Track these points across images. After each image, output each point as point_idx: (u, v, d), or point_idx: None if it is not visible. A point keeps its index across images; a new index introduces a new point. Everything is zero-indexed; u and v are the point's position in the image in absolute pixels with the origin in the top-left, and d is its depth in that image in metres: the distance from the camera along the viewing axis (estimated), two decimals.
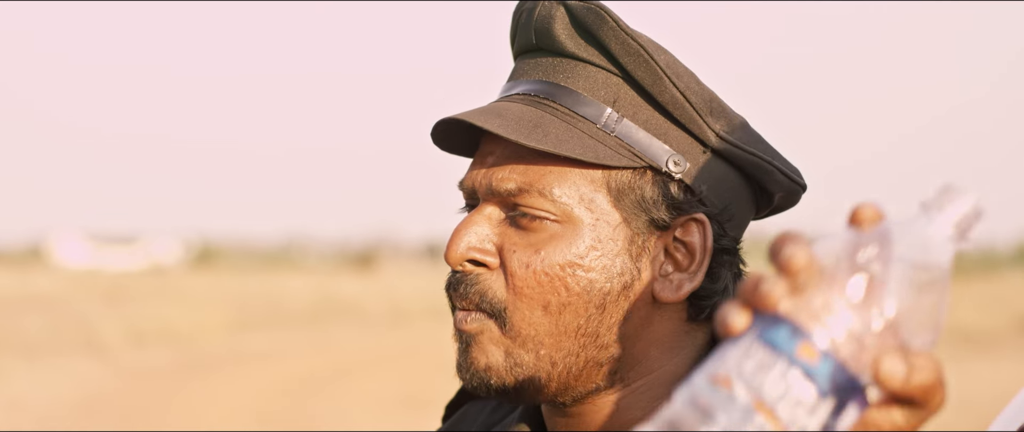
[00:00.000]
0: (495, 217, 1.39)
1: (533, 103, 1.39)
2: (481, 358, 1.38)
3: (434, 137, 1.43)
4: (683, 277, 1.40)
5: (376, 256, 63.61)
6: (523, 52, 1.45)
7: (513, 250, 1.37)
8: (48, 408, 12.95)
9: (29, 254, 72.41)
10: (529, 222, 1.37)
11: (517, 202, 1.37)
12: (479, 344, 1.38)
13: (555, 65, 1.41)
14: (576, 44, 1.40)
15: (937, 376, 0.95)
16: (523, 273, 1.36)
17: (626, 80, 1.39)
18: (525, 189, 1.37)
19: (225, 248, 75.72)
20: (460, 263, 1.38)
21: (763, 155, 1.42)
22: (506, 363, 1.37)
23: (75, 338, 19.84)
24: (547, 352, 1.36)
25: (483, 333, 1.37)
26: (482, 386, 1.39)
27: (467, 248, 1.38)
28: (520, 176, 1.37)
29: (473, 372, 1.38)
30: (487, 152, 1.41)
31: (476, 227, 1.39)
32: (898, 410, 0.96)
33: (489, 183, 1.38)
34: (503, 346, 1.37)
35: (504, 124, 1.36)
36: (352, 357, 18.77)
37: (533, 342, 1.36)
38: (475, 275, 1.38)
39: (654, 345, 1.40)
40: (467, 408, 1.62)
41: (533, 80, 1.41)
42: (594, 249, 1.36)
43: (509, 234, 1.38)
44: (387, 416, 12.42)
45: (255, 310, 26.62)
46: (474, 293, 1.37)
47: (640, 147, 1.37)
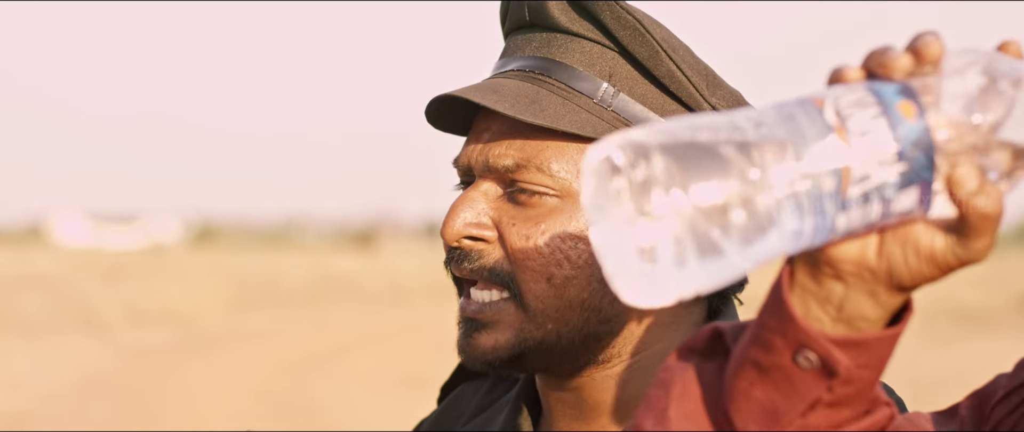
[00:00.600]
0: (492, 193, 1.38)
1: (529, 79, 1.39)
2: (488, 340, 1.38)
3: (429, 116, 1.42)
4: None
5: (375, 235, 63.67)
6: (515, 29, 1.45)
7: (512, 224, 1.36)
8: (47, 387, 12.96)
9: (29, 233, 72.48)
10: (528, 198, 1.36)
11: (515, 178, 1.37)
12: (490, 329, 1.37)
13: (549, 41, 1.40)
14: (570, 19, 1.39)
15: (996, 213, 0.95)
16: (523, 245, 1.35)
17: (622, 54, 1.38)
18: (523, 165, 1.36)
19: (224, 227, 75.80)
20: (457, 239, 1.38)
21: None
22: (515, 340, 1.37)
23: (74, 317, 19.86)
24: (554, 326, 1.36)
25: (499, 321, 1.37)
26: (485, 365, 1.39)
27: (464, 224, 1.37)
28: (518, 152, 1.36)
29: (477, 354, 1.38)
30: (482, 129, 1.40)
31: (472, 203, 1.38)
32: (942, 237, 0.96)
33: (486, 160, 1.38)
34: (515, 325, 1.37)
35: (501, 100, 1.35)
36: (351, 336, 18.78)
37: (542, 316, 1.36)
38: (477, 250, 1.38)
39: (653, 319, 1.40)
40: (462, 389, 1.61)
41: (527, 56, 1.41)
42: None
43: (507, 209, 1.37)
44: (386, 394, 12.43)
45: (254, 289, 26.64)
46: (479, 266, 1.37)
47: (637, 121, 1.37)
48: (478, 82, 1.41)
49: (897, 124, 0.93)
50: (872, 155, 0.93)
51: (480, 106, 1.38)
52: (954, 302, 20.37)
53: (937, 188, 0.95)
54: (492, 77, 1.42)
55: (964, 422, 1.11)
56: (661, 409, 1.02)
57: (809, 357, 0.97)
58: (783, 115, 0.93)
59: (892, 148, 0.93)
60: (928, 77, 0.95)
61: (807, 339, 0.96)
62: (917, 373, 13.08)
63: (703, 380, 1.03)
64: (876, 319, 0.99)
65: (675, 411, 1.02)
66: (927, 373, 13.23)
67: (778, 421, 0.98)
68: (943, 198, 0.95)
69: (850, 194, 0.93)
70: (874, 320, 0.98)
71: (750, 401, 0.99)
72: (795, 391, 0.98)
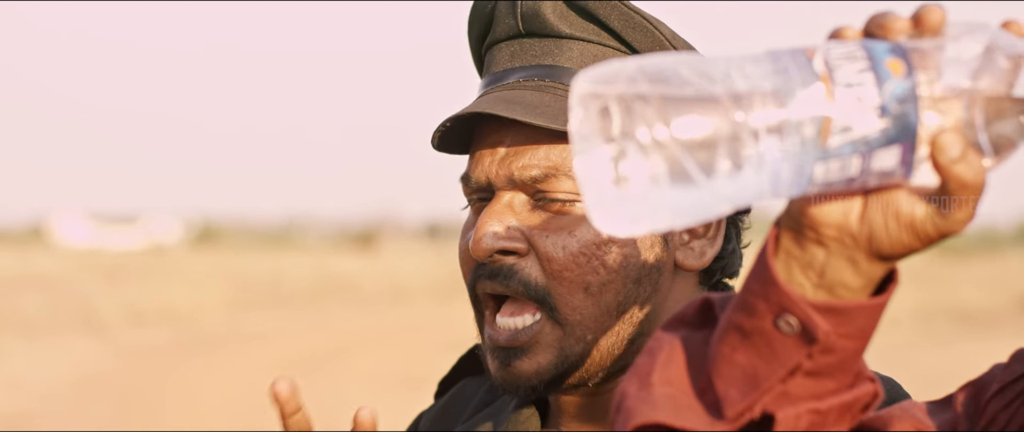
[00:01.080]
0: (517, 205, 1.37)
1: (537, 88, 1.37)
2: (531, 365, 1.36)
3: (440, 140, 1.40)
4: (703, 243, 1.40)
5: (376, 235, 63.59)
6: (502, 39, 1.42)
7: (545, 235, 1.35)
8: (48, 387, 12.96)
9: (30, 234, 72.43)
10: (559, 207, 1.35)
11: (542, 188, 1.35)
12: (531, 352, 1.36)
13: (548, 47, 1.39)
14: (570, 24, 1.38)
15: (977, 183, 0.94)
16: (561, 256, 1.34)
17: (631, 53, 1.38)
18: (551, 174, 1.35)
19: (226, 227, 75.73)
20: (489, 254, 1.36)
21: None
22: (556, 360, 1.36)
23: (75, 317, 19.85)
24: (594, 336, 1.36)
25: (538, 343, 1.36)
26: (529, 391, 1.37)
27: (495, 238, 1.35)
28: (543, 161, 1.35)
29: (522, 382, 1.37)
30: (495, 142, 1.38)
31: (500, 216, 1.36)
32: (924, 206, 0.96)
33: (509, 173, 1.36)
34: (555, 344, 1.35)
35: (527, 111, 1.33)
36: (352, 336, 18.77)
37: (581, 328, 1.35)
38: (509, 266, 1.36)
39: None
40: (464, 384, 1.61)
41: (528, 66, 1.39)
42: None
43: (536, 220, 1.36)
44: (387, 394, 12.43)
45: (255, 289, 26.62)
46: (516, 282, 1.35)
47: None
48: (483, 97, 1.39)
49: (884, 79, 0.93)
50: (855, 107, 0.93)
51: (486, 120, 1.37)
52: (954, 302, 20.36)
53: (921, 156, 0.95)
54: (495, 89, 1.40)
55: (958, 414, 1.11)
56: (645, 374, 1.02)
57: (789, 321, 0.97)
58: (773, 62, 0.94)
59: (875, 101, 0.93)
60: (924, 41, 0.95)
61: (788, 303, 0.97)
62: (917, 372, 13.08)
63: (689, 348, 1.03)
64: (857, 287, 0.98)
65: (658, 376, 1.02)
66: (927, 372, 13.22)
67: (758, 386, 0.98)
68: (927, 167, 0.95)
69: (830, 144, 0.93)
70: (855, 288, 0.98)
71: (732, 366, 0.99)
72: (775, 356, 0.98)
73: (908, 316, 19.34)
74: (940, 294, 22.12)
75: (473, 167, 1.40)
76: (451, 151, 1.43)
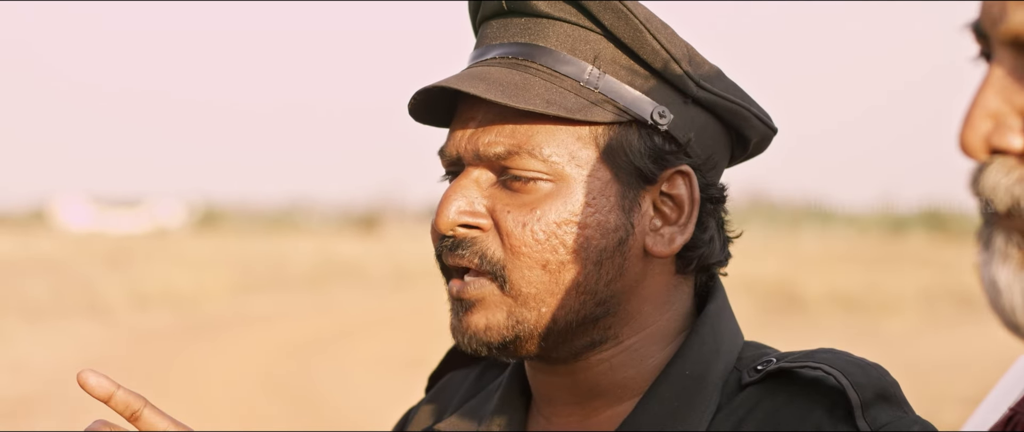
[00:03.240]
0: (483, 181, 1.39)
1: (512, 65, 1.39)
2: (480, 320, 1.38)
3: (412, 110, 1.42)
4: (674, 230, 1.40)
5: (379, 218, 63.62)
6: (490, 16, 1.44)
7: (507, 211, 1.36)
8: (52, 371, 12.98)
9: (33, 217, 72.46)
10: (522, 184, 1.36)
11: (507, 165, 1.37)
12: (479, 308, 1.38)
13: (529, 26, 1.40)
14: (550, 4, 1.39)
15: None
16: (519, 232, 1.36)
17: (606, 36, 1.38)
18: (514, 151, 1.36)
19: (228, 211, 75.75)
20: (451, 228, 1.38)
21: (741, 102, 1.43)
22: (507, 321, 1.37)
23: (78, 301, 19.88)
24: (548, 310, 1.37)
25: (484, 299, 1.37)
26: (480, 346, 1.39)
27: (458, 212, 1.37)
28: (508, 138, 1.36)
29: (471, 334, 1.39)
30: (468, 117, 1.40)
31: (465, 191, 1.38)
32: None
33: (475, 148, 1.38)
34: (505, 307, 1.37)
35: (488, 88, 1.35)
36: (355, 319, 18.80)
37: (535, 300, 1.36)
38: (471, 238, 1.38)
39: (647, 301, 1.41)
40: (451, 377, 1.62)
41: (508, 43, 1.41)
42: (589, 206, 1.36)
43: (500, 196, 1.38)
44: (390, 378, 12.45)
45: (258, 273, 26.65)
46: (472, 253, 1.37)
47: (624, 101, 1.37)
48: (460, 72, 1.41)
49: None
50: None
51: (463, 94, 1.38)
52: (956, 287, 20.36)
53: None
54: (473, 65, 1.42)
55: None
56: None
57: None
58: None
59: None
60: None
61: None
62: (918, 357, 13.09)
63: None
64: None
65: None
66: (928, 357, 13.23)
67: None
68: None
69: None
70: None
71: None
72: None
73: (911, 301, 19.34)
74: (943, 278, 22.12)
75: (448, 141, 1.41)
76: (437, 124, 1.45)
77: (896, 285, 21.02)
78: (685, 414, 1.37)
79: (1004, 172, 0.92)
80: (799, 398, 1.34)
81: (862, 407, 1.30)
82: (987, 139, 0.93)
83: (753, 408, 1.36)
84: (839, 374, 1.32)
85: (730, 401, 1.38)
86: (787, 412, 1.33)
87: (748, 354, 1.42)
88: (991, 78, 0.93)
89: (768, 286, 21.21)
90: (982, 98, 0.93)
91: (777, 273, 23.31)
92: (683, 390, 1.38)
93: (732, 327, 1.44)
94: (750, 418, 1.35)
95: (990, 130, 0.93)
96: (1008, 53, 0.93)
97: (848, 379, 1.31)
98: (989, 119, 0.93)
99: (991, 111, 0.93)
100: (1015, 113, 0.93)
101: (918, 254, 31.09)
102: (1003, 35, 0.93)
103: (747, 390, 1.37)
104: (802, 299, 20.08)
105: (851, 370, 1.32)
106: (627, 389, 1.41)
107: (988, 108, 0.93)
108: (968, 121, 0.93)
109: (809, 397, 1.33)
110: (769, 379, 1.37)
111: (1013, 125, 0.93)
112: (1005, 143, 0.92)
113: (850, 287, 20.81)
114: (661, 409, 1.38)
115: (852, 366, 1.33)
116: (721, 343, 1.41)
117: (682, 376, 1.39)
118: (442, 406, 1.59)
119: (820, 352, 1.36)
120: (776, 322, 16.76)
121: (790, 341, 2.60)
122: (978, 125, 0.93)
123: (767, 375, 1.37)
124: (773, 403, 1.35)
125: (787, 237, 42.79)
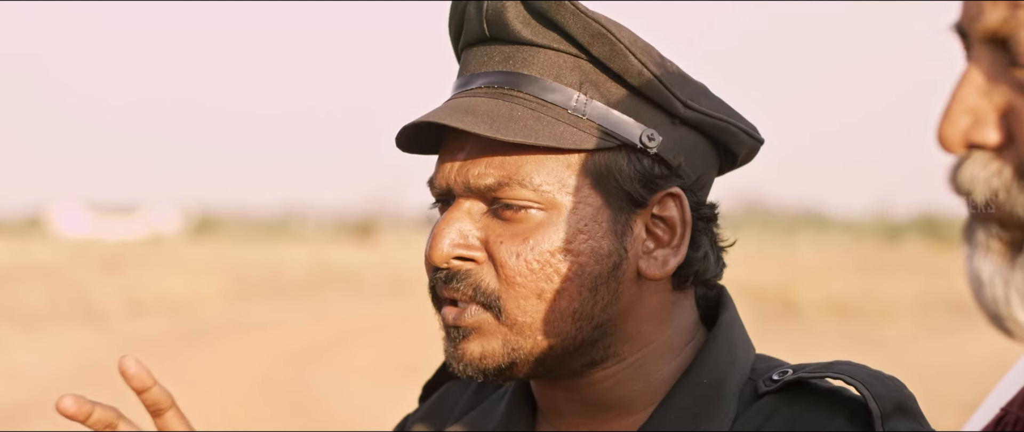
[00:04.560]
0: (475, 211, 1.38)
1: (497, 95, 1.37)
2: (476, 348, 1.37)
3: (399, 142, 1.41)
4: (667, 253, 1.40)
5: (375, 225, 63.61)
6: (472, 43, 1.42)
7: (500, 241, 1.36)
8: (47, 378, 12.97)
9: (28, 224, 72.42)
10: (513, 213, 1.36)
11: (498, 196, 1.36)
12: (475, 337, 1.37)
13: (511, 54, 1.39)
14: (533, 31, 1.38)
15: None
16: (514, 263, 1.35)
17: (590, 61, 1.37)
18: (505, 182, 1.35)
19: (224, 217, 75.72)
20: (446, 261, 1.37)
21: (728, 119, 1.42)
22: (503, 349, 1.37)
23: (74, 307, 19.86)
24: (544, 337, 1.36)
25: (480, 327, 1.37)
26: (477, 372, 1.39)
27: (451, 245, 1.37)
28: (498, 170, 1.36)
29: (467, 362, 1.38)
30: (456, 149, 1.39)
31: (458, 223, 1.38)
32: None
33: (466, 180, 1.37)
34: (500, 335, 1.37)
35: (476, 121, 1.34)
36: (350, 326, 18.79)
37: (530, 329, 1.36)
38: (465, 270, 1.37)
39: (646, 320, 1.41)
40: (448, 387, 1.62)
41: (492, 72, 1.39)
42: (581, 233, 1.36)
43: (493, 227, 1.37)
44: (385, 384, 12.45)
45: (254, 279, 26.64)
46: (466, 286, 1.37)
47: (612, 126, 1.36)
48: (446, 102, 1.40)
49: None
50: None
51: (451, 127, 1.37)
52: (951, 293, 20.37)
53: None
54: (459, 95, 1.41)
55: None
56: None
57: None
58: None
59: None
60: None
61: None
62: (914, 363, 13.09)
63: None
64: None
65: None
66: (925, 363, 13.24)
67: None
68: None
69: None
70: None
71: None
72: None
73: (907, 307, 19.35)
74: (939, 285, 22.13)
75: (437, 173, 1.41)
76: (425, 152, 1.44)
77: (892, 292, 21.03)
78: (705, 420, 1.38)
79: (981, 166, 0.95)
80: (818, 407, 1.35)
81: (882, 418, 1.31)
82: (965, 134, 0.96)
83: (771, 415, 1.37)
84: (860, 385, 1.33)
85: (747, 409, 1.38)
86: (806, 420, 1.35)
87: (761, 365, 1.43)
88: (969, 75, 0.97)
89: (764, 293, 21.21)
90: (960, 94, 0.96)
91: (773, 280, 23.31)
92: (702, 397, 1.39)
93: (744, 338, 1.45)
94: (769, 424, 1.36)
95: (968, 125, 0.96)
96: (985, 50, 0.96)
97: (869, 390, 1.32)
98: (967, 114, 0.96)
99: (969, 107, 0.96)
100: (992, 109, 0.96)
101: (914, 261, 31.10)
102: (980, 33, 0.95)
103: (764, 399, 1.38)
104: (798, 306, 20.08)
105: (871, 382, 1.34)
106: (637, 402, 1.41)
107: (966, 104, 0.96)
108: (947, 116, 0.96)
109: (828, 407, 1.35)
110: (787, 389, 1.38)
111: (990, 120, 0.95)
112: (982, 138, 0.95)
113: (846, 294, 20.81)
114: (679, 416, 1.39)
115: (872, 378, 1.35)
116: (735, 353, 1.42)
117: (700, 384, 1.40)
118: (443, 415, 1.59)
119: (838, 364, 1.37)
120: (772, 329, 16.76)
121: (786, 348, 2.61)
122: (956, 120, 0.96)
123: (785, 385, 1.37)
124: (792, 411, 1.36)
125: (783, 244, 42.80)
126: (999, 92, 0.95)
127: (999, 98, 0.95)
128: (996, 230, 0.96)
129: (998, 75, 0.95)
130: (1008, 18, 0.93)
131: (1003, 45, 0.95)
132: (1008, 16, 0.94)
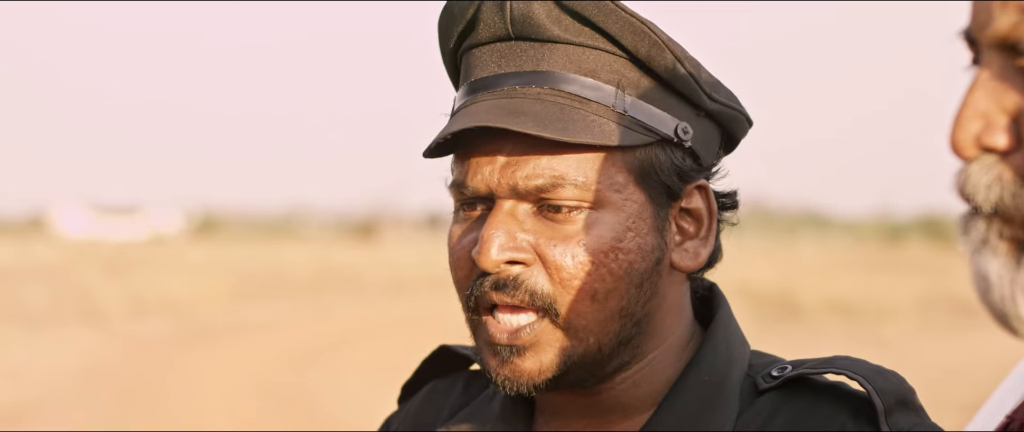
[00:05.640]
0: (520, 214, 1.36)
1: (536, 98, 1.35)
2: (534, 364, 1.36)
3: (434, 150, 1.37)
4: (697, 244, 1.41)
5: (377, 226, 63.63)
6: (486, 42, 1.39)
7: (552, 243, 1.34)
8: (49, 378, 12.98)
9: (30, 224, 72.46)
10: (565, 215, 1.34)
11: (547, 197, 1.34)
12: (530, 353, 1.36)
13: (541, 52, 1.37)
14: (565, 29, 1.36)
15: None
16: (569, 265, 1.34)
17: (628, 58, 1.37)
18: (557, 183, 1.34)
19: (226, 218, 75.74)
20: (497, 266, 1.34)
21: (739, 108, 1.43)
22: (558, 359, 1.35)
23: (76, 308, 19.87)
24: (595, 338, 1.36)
25: (539, 342, 1.35)
26: (530, 389, 1.37)
27: (501, 249, 1.34)
28: (547, 170, 1.34)
29: (522, 380, 1.36)
30: (492, 151, 1.36)
31: (506, 227, 1.35)
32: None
33: (513, 182, 1.34)
34: (557, 343, 1.35)
35: (528, 122, 1.32)
36: (352, 327, 18.79)
37: (584, 331, 1.35)
38: (516, 276, 1.35)
39: (669, 312, 1.41)
40: (433, 386, 1.60)
41: (524, 72, 1.37)
42: (629, 230, 1.35)
43: (541, 228, 1.35)
44: (386, 385, 12.42)
45: (256, 280, 26.65)
46: (522, 291, 1.34)
47: (651, 121, 1.36)
48: (481, 105, 1.36)
49: None
50: None
51: (487, 127, 1.33)
52: (953, 294, 20.37)
53: None
54: (486, 97, 1.37)
55: None
56: None
57: None
58: None
59: None
60: None
61: None
62: (915, 363, 13.09)
63: None
64: None
65: None
66: (926, 363, 13.24)
67: None
68: None
69: None
70: None
71: None
72: None
73: (908, 308, 19.35)
74: (940, 285, 22.13)
75: (470, 175, 1.37)
76: (441, 155, 1.41)
77: (893, 292, 21.04)
78: (708, 419, 1.38)
79: (986, 169, 0.96)
80: (821, 402, 1.36)
81: (886, 413, 1.31)
82: (977, 138, 0.96)
83: (775, 412, 1.37)
84: (863, 380, 1.33)
85: (749, 406, 1.39)
86: (810, 415, 1.35)
87: (757, 361, 1.43)
88: (980, 80, 0.97)
89: (765, 293, 21.22)
90: (972, 99, 0.97)
91: (774, 280, 23.31)
92: (704, 395, 1.39)
93: (739, 334, 1.45)
94: (774, 421, 1.36)
95: (980, 130, 0.97)
96: (996, 55, 0.97)
97: (872, 385, 1.33)
98: (979, 119, 0.97)
99: (980, 111, 0.97)
100: (1003, 113, 0.96)
101: (915, 261, 31.11)
102: (990, 38, 0.96)
103: (765, 395, 1.38)
104: (799, 306, 20.09)
105: (873, 376, 1.34)
106: (644, 402, 1.41)
107: (977, 108, 0.97)
108: (958, 121, 0.97)
109: (831, 402, 1.35)
110: (788, 385, 1.38)
111: (1001, 125, 0.96)
112: (993, 142, 0.96)
113: (847, 294, 20.82)
114: (682, 415, 1.39)
115: (873, 373, 1.35)
116: (732, 350, 1.42)
117: (701, 382, 1.40)
118: (432, 413, 1.57)
119: (838, 359, 1.38)
120: (773, 329, 16.77)
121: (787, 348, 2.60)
122: (968, 125, 0.97)
123: (786, 381, 1.38)
124: (795, 407, 1.36)
125: (784, 244, 42.81)
126: (1009, 97, 0.96)
127: (1009, 103, 0.96)
128: (1002, 230, 0.96)
129: (1008, 80, 0.96)
130: (1018, 23, 0.94)
131: (1013, 50, 0.96)
132: (1018, 21, 0.94)
